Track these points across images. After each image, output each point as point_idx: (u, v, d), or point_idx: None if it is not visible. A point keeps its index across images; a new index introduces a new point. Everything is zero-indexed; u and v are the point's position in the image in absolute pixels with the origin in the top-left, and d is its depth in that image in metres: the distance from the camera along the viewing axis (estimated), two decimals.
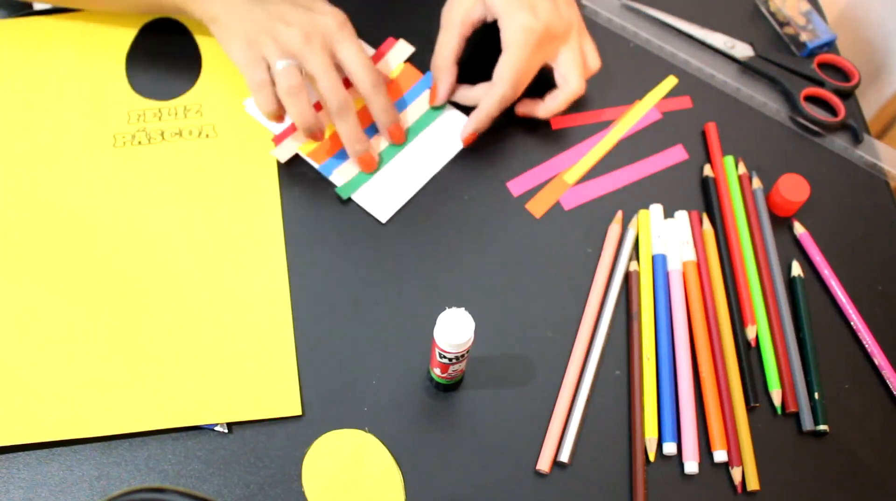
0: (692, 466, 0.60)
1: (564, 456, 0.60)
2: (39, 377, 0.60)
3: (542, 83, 0.71)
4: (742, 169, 0.72)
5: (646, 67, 0.78)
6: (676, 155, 0.73)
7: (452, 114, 0.72)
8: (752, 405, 0.63)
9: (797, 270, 0.68)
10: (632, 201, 0.71)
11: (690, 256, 0.68)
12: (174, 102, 0.71)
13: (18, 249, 0.64)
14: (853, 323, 0.67)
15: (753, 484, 0.60)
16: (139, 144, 0.69)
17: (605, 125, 0.74)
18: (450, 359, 0.57)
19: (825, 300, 0.68)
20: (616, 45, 0.79)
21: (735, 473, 0.60)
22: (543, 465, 0.60)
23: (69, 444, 0.58)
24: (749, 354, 0.65)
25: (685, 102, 0.76)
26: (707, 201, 0.71)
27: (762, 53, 0.78)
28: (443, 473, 0.59)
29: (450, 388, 0.62)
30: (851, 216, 0.72)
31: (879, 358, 0.65)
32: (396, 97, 0.73)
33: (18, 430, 0.58)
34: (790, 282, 0.68)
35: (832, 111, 0.76)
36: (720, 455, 0.61)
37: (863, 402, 0.64)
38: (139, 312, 0.62)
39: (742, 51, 0.78)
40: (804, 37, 0.79)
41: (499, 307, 0.65)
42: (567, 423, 0.61)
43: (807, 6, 0.81)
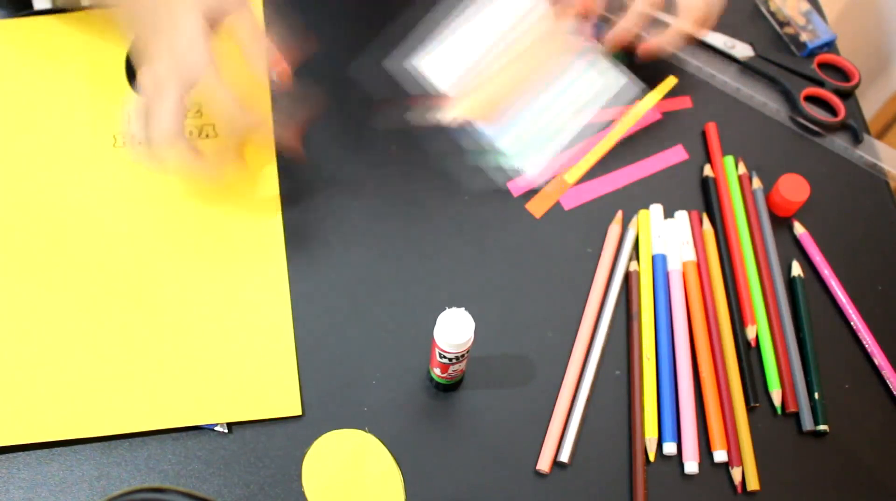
0: (692, 466, 0.60)
1: (564, 456, 0.60)
2: (40, 377, 0.60)
3: None
4: (742, 169, 0.72)
5: (646, 66, 0.77)
6: (676, 155, 0.73)
7: (617, 75, 0.74)
8: (752, 405, 0.63)
9: (797, 270, 0.68)
10: (632, 201, 0.71)
11: (690, 256, 0.68)
12: None
13: (19, 249, 0.64)
14: (853, 323, 0.67)
15: (753, 484, 0.60)
16: (139, 143, 0.69)
17: (606, 125, 0.74)
18: (450, 359, 0.57)
19: (825, 300, 0.68)
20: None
21: (735, 473, 0.60)
22: (543, 465, 0.60)
23: (69, 444, 0.58)
24: (749, 354, 0.65)
25: (685, 102, 0.76)
26: (707, 201, 0.71)
27: (762, 53, 0.78)
28: (443, 473, 0.59)
29: (450, 388, 0.62)
30: (851, 216, 0.72)
31: (879, 358, 0.65)
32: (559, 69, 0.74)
33: (18, 430, 0.58)
34: (790, 282, 0.68)
35: (832, 111, 0.76)
36: (720, 455, 0.61)
37: (863, 402, 0.64)
38: (139, 312, 0.63)
39: (742, 51, 0.78)
40: (804, 37, 0.79)
41: (499, 307, 0.65)
42: (567, 423, 0.61)
43: (807, 6, 0.81)
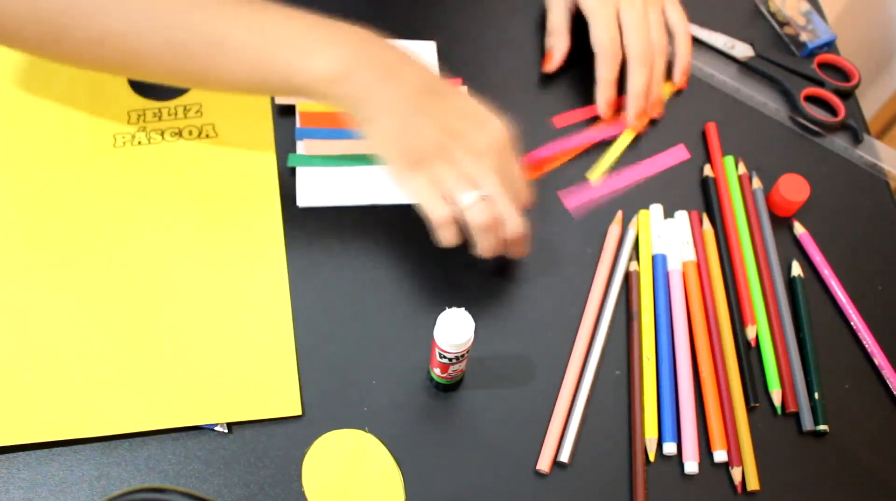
0: (692, 466, 0.60)
1: (564, 456, 0.60)
2: (40, 377, 0.60)
3: None
4: (742, 169, 0.72)
5: None
6: (677, 155, 0.73)
7: None
8: (752, 405, 0.63)
9: (797, 270, 0.68)
10: (632, 201, 0.71)
11: (690, 256, 0.68)
12: (174, 102, 0.71)
13: (18, 249, 0.64)
14: (853, 323, 0.67)
15: (753, 484, 0.60)
16: (139, 144, 0.69)
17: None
18: (450, 359, 0.57)
19: (825, 300, 0.68)
20: None
21: (735, 473, 0.60)
22: (543, 465, 0.60)
23: (69, 444, 0.58)
24: (749, 354, 0.65)
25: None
26: (707, 201, 0.71)
27: (762, 53, 0.78)
28: (443, 473, 0.59)
29: (450, 388, 0.62)
30: (851, 216, 0.72)
31: (879, 358, 0.65)
32: None
33: (19, 430, 0.58)
34: (790, 282, 0.68)
35: (832, 111, 0.76)
36: (720, 455, 0.61)
37: (863, 402, 0.64)
38: (139, 312, 0.62)
39: (742, 51, 0.78)
40: (804, 37, 0.79)
41: (499, 307, 0.65)
42: (567, 423, 0.61)
43: (807, 6, 0.81)
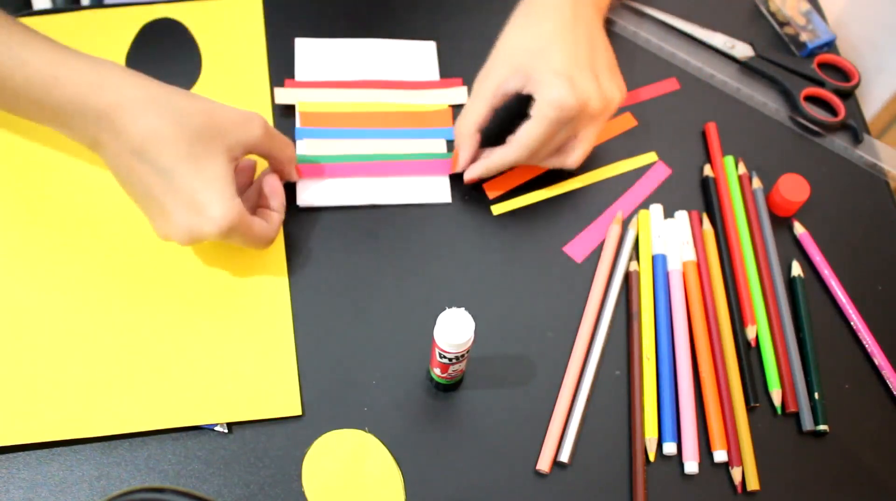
0: (692, 466, 0.60)
1: (564, 456, 0.60)
2: (40, 377, 0.60)
3: None
4: (742, 169, 0.72)
5: (646, 67, 0.78)
6: (659, 173, 0.73)
7: (443, 181, 0.70)
8: (752, 405, 0.63)
9: (797, 270, 0.68)
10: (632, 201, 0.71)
11: (690, 256, 0.68)
12: None
13: (19, 249, 0.64)
14: (853, 323, 0.67)
15: (753, 484, 0.60)
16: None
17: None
18: (450, 359, 0.57)
19: (825, 300, 0.68)
20: (616, 45, 0.79)
21: (735, 473, 0.60)
22: (543, 465, 0.60)
23: (69, 444, 0.58)
24: (749, 354, 0.65)
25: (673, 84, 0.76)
26: (707, 201, 0.71)
27: (762, 53, 0.78)
28: (443, 473, 0.59)
29: (450, 388, 0.62)
30: (851, 216, 0.72)
31: (879, 358, 0.65)
32: (416, 126, 0.72)
33: (19, 430, 0.58)
34: (790, 282, 0.68)
35: (832, 111, 0.76)
36: (720, 455, 0.61)
37: (863, 402, 0.64)
38: (139, 311, 0.62)
39: (742, 51, 0.78)
40: (804, 37, 0.79)
41: (499, 307, 0.65)
42: (567, 423, 0.61)
43: (807, 6, 0.81)
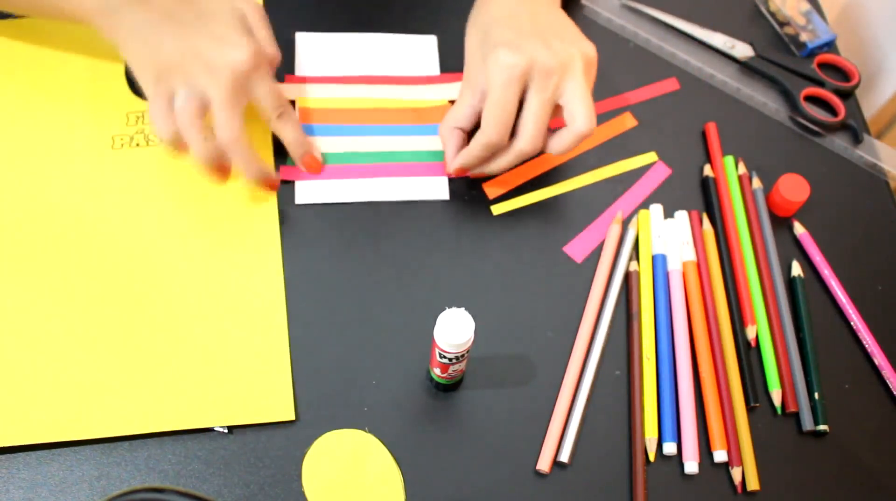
0: (692, 466, 0.60)
1: (564, 456, 0.60)
2: (40, 378, 0.60)
3: None
4: (742, 169, 0.72)
5: (646, 67, 0.78)
6: (660, 172, 0.73)
7: (441, 180, 0.70)
8: (752, 405, 0.63)
9: (797, 270, 0.68)
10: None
11: (690, 256, 0.68)
12: None
13: (18, 250, 0.64)
14: (853, 323, 0.67)
15: (753, 484, 0.60)
16: (137, 146, 0.69)
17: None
18: (450, 359, 0.57)
19: (825, 300, 0.68)
20: (616, 45, 0.79)
21: (735, 473, 0.60)
22: (543, 465, 0.60)
23: (69, 444, 0.58)
24: (749, 354, 0.65)
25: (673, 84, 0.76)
26: (707, 201, 0.71)
27: (762, 53, 0.78)
28: (443, 473, 0.59)
29: (450, 388, 0.62)
30: (851, 216, 0.72)
31: (879, 358, 0.65)
32: (416, 123, 0.72)
33: (19, 430, 0.58)
34: (790, 282, 0.68)
35: (832, 111, 0.76)
36: (720, 455, 0.61)
37: (863, 402, 0.64)
38: (136, 313, 0.62)
39: (742, 51, 0.78)
40: (804, 37, 0.79)
41: (499, 307, 0.65)
42: (567, 423, 0.61)
43: (807, 6, 0.81)
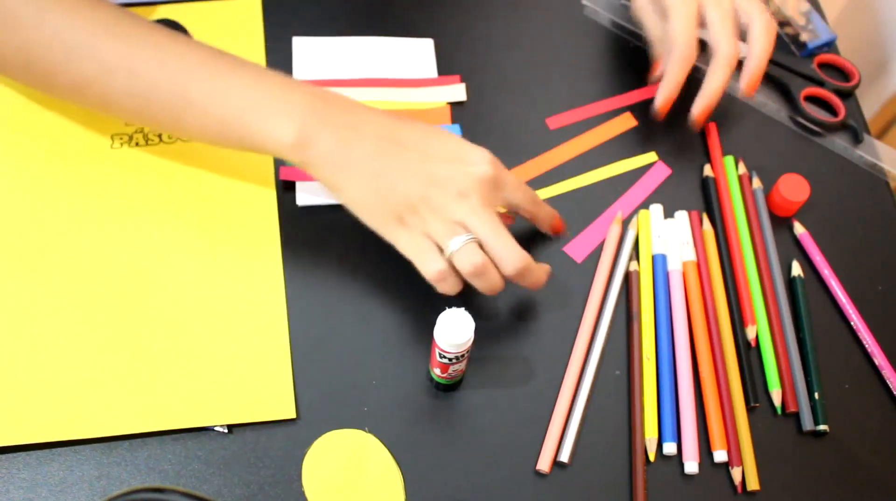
0: (692, 466, 0.60)
1: (564, 456, 0.60)
2: (40, 378, 0.60)
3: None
4: (742, 169, 0.72)
5: (646, 67, 0.77)
6: (660, 173, 0.72)
7: None
8: (752, 405, 0.63)
9: (797, 270, 0.68)
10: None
11: (690, 256, 0.68)
12: None
13: (17, 250, 0.64)
14: (853, 323, 0.67)
15: (753, 484, 0.60)
16: (137, 145, 0.69)
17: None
18: (450, 359, 0.57)
19: (825, 300, 0.68)
20: (616, 45, 0.79)
21: (735, 473, 0.60)
22: (543, 465, 0.60)
23: (69, 444, 0.58)
24: (749, 354, 0.65)
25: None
26: (707, 201, 0.71)
27: None
28: (443, 473, 0.59)
29: (450, 388, 0.62)
30: (851, 216, 0.72)
31: (879, 358, 0.65)
32: None
33: (19, 430, 0.58)
34: (790, 282, 0.68)
35: (832, 111, 0.76)
36: (720, 454, 0.61)
37: (863, 402, 0.64)
38: (136, 313, 0.62)
39: (742, 51, 0.78)
40: (804, 37, 0.79)
41: (499, 307, 0.65)
42: (567, 423, 0.61)
43: (807, 6, 0.81)
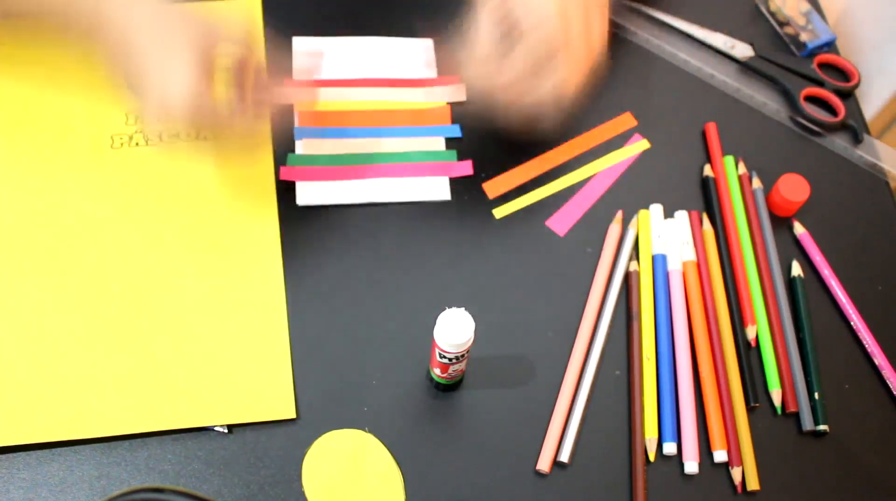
0: (692, 466, 0.60)
1: (564, 456, 0.60)
2: (40, 378, 0.60)
3: None
4: (742, 169, 0.72)
5: (646, 67, 0.77)
6: (636, 146, 0.73)
7: (442, 180, 0.70)
8: (752, 405, 0.63)
9: (797, 270, 0.68)
10: (632, 200, 0.71)
11: (690, 256, 0.68)
12: None
13: (17, 250, 0.64)
14: (853, 323, 0.67)
15: (753, 484, 0.60)
16: (136, 145, 0.69)
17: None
18: (450, 359, 0.57)
19: (825, 300, 0.68)
20: (616, 45, 0.79)
21: (735, 473, 0.60)
22: (543, 465, 0.60)
23: (69, 444, 0.58)
24: (749, 354, 0.65)
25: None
26: (707, 201, 0.71)
27: (762, 53, 0.78)
28: (443, 473, 0.59)
29: (450, 388, 0.62)
30: (851, 216, 0.72)
31: (879, 358, 0.65)
32: (415, 124, 0.72)
33: (19, 430, 0.58)
34: (790, 282, 0.68)
35: (832, 111, 0.76)
36: (720, 455, 0.61)
37: (863, 402, 0.64)
38: (136, 313, 0.62)
39: (742, 51, 0.78)
40: (804, 37, 0.79)
41: (499, 307, 0.65)
42: (567, 423, 0.61)
43: (807, 6, 0.81)
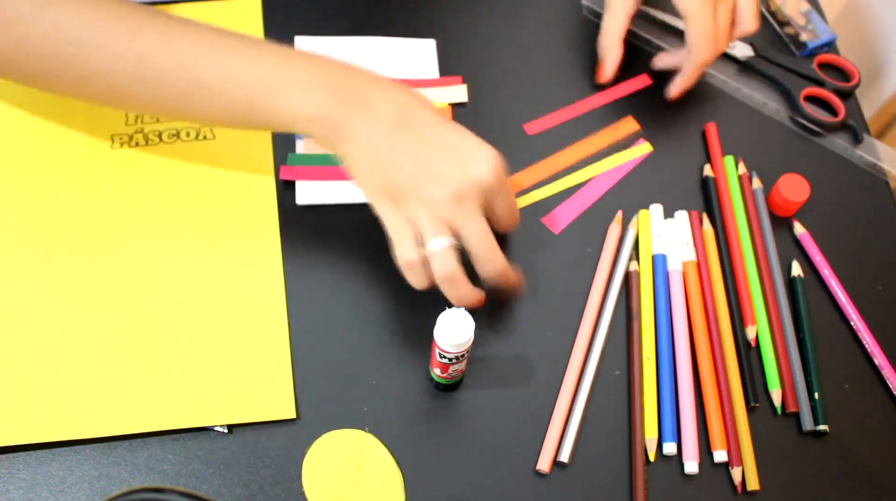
0: (692, 466, 0.60)
1: (564, 456, 0.60)
2: (40, 378, 0.60)
3: None
4: (742, 169, 0.72)
5: (646, 66, 0.77)
6: (638, 149, 0.73)
7: None
8: (752, 405, 0.63)
9: (797, 270, 0.68)
10: (632, 200, 0.71)
11: (690, 256, 0.68)
12: None
13: (18, 250, 0.64)
14: (853, 323, 0.67)
15: (753, 484, 0.60)
16: (137, 145, 0.69)
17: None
18: (450, 359, 0.57)
19: (825, 300, 0.68)
20: None
21: (735, 473, 0.60)
22: (543, 465, 0.60)
23: (69, 444, 0.58)
24: (749, 354, 0.65)
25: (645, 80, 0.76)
26: (707, 201, 0.71)
27: (762, 53, 0.78)
28: (443, 473, 0.59)
29: (450, 388, 0.62)
30: (851, 216, 0.72)
31: (879, 358, 0.65)
32: None
33: (18, 430, 0.58)
34: (790, 282, 0.68)
35: (832, 111, 0.76)
36: (720, 454, 0.61)
37: (863, 402, 0.64)
38: (136, 313, 0.62)
39: (742, 51, 0.78)
40: (804, 37, 0.79)
41: (499, 308, 0.65)
42: (567, 423, 0.61)
43: (807, 6, 0.81)
